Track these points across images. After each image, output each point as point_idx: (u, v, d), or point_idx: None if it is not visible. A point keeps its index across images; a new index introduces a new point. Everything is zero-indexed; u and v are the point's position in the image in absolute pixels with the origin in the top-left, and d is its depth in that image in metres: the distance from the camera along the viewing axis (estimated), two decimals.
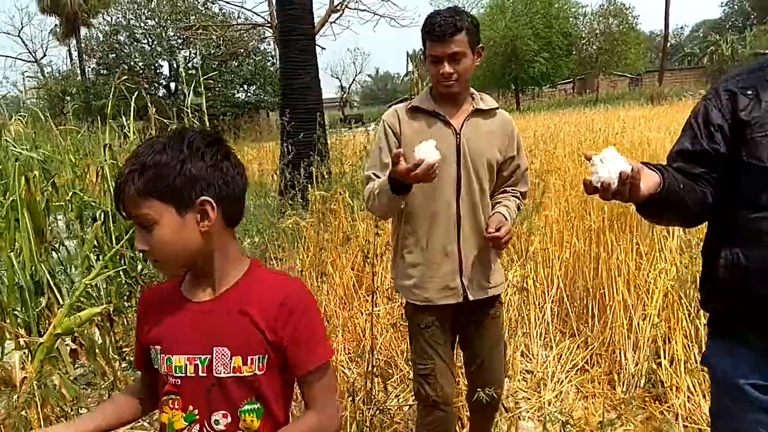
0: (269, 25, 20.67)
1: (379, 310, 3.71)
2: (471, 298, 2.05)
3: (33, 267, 3.31)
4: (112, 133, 4.20)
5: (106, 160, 4.04)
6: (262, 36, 27.42)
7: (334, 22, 19.52)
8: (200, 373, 1.12)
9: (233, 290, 1.14)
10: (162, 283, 1.25)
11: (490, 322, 2.17)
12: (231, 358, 1.11)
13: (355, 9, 19.36)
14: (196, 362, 1.12)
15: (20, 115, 5.26)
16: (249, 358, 1.11)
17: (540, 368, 3.24)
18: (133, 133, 4.51)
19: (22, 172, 3.22)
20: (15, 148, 3.95)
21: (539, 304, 3.61)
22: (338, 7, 19.28)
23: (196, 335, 1.13)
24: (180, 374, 1.13)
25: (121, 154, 4.61)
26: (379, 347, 3.27)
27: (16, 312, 3.32)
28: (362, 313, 3.68)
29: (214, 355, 1.11)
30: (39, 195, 3.30)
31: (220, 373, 1.11)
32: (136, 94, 4.59)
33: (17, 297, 3.38)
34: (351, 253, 4.46)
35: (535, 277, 3.74)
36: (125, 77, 5.10)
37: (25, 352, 3.32)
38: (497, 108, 2.10)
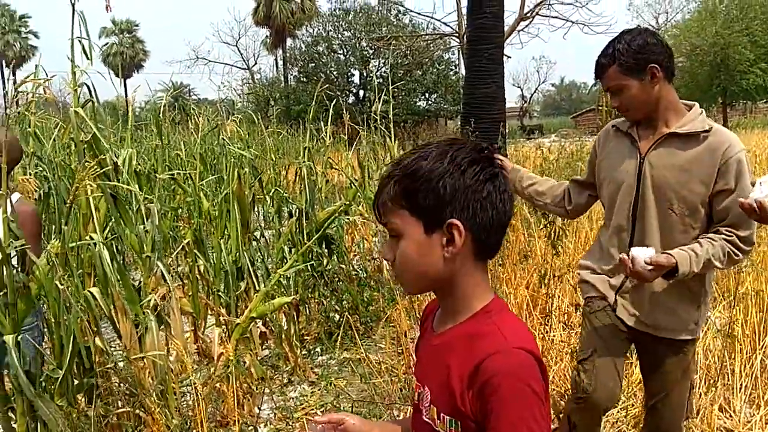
0: (456, 34, 20.93)
1: (554, 336, 3.52)
2: (629, 323, 1.97)
3: (237, 254, 3.70)
4: (310, 137, 4.54)
5: (304, 162, 4.38)
6: (448, 45, 27.89)
7: (522, 30, 19.15)
8: (420, 406, 1.04)
9: (456, 330, 0.99)
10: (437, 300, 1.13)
11: (667, 363, 1.98)
12: (430, 405, 1.00)
13: (545, 16, 18.80)
14: (418, 392, 1.05)
15: (235, 117, 5.95)
16: (441, 414, 0.97)
17: (743, 428, 2.81)
18: (329, 137, 4.85)
19: (236, 169, 3.62)
20: (231, 146, 4.47)
21: (747, 354, 3.14)
22: (528, 15, 18.87)
23: (423, 364, 1.06)
24: (414, 400, 1.07)
25: (317, 157, 5.00)
26: (552, 376, 3.09)
27: (220, 293, 3.74)
28: (535, 337, 3.51)
29: (424, 394, 1.02)
30: (248, 190, 3.69)
31: (424, 416, 1.01)
32: (334, 101, 4.92)
33: (221, 279, 3.80)
34: (527, 272, 4.31)
35: (744, 322, 3.25)
36: (326, 86, 5.48)
37: (223, 330, 3.73)
38: (706, 131, 1.84)
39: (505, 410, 0.87)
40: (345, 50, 31.11)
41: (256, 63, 39.70)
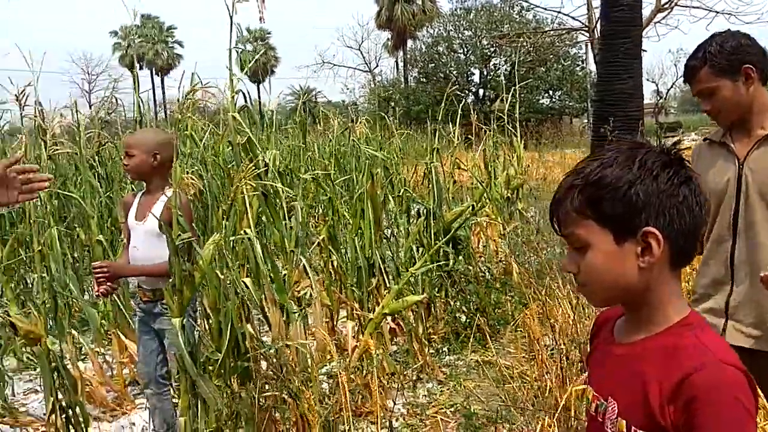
0: (586, 28, 19.98)
1: None
2: (746, 346, 1.79)
3: (370, 251, 3.82)
4: (438, 137, 4.58)
5: (432, 162, 4.42)
6: (575, 40, 26.76)
7: (659, 22, 17.85)
8: (597, 418, 1.01)
9: (651, 341, 0.95)
10: (611, 310, 1.10)
11: None
12: (617, 419, 0.96)
13: (686, 6, 17.36)
14: (596, 404, 1.02)
15: (363, 119, 6.14)
16: (633, 428, 0.92)
17: None
18: (457, 138, 4.86)
19: (369, 169, 3.74)
20: (363, 147, 4.62)
21: None
22: (665, 6, 17.55)
23: (604, 375, 1.03)
24: (591, 411, 1.03)
25: (445, 158, 5.03)
26: None
27: (353, 287, 3.88)
28: None
29: (607, 406, 0.98)
30: (380, 189, 3.80)
31: (607, 428, 0.98)
32: (462, 102, 4.92)
33: (354, 275, 3.95)
34: None
35: None
36: (454, 87, 5.49)
37: (356, 324, 3.87)
38: None
39: (717, 426, 0.83)
40: (465, 49, 30.89)
41: (377, 65, 40.63)
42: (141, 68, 47.48)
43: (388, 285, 3.91)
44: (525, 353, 3.73)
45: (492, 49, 29.18)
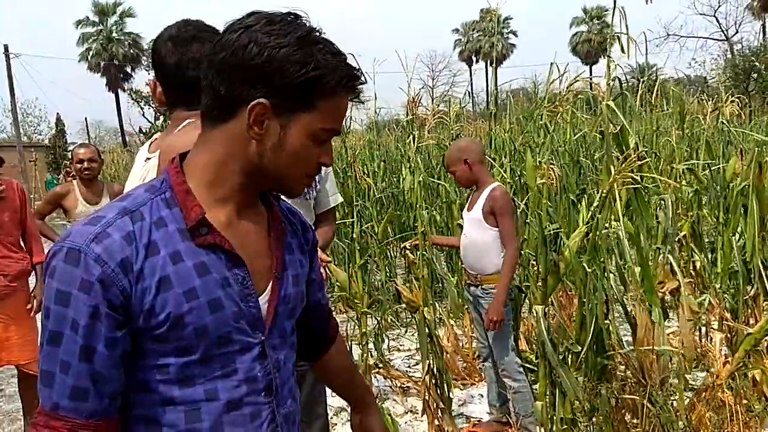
0: None
1: None
2: None
3: (751, 254, 3.28)
4: None
5: None
6: None
7: None
8: None
9: None
10: None
11: None
12: None
13: None
14: None
15: (732, 96, 5.27)
16: None
17: None
18: None
19: (757, 158, 3.19)
20: (738, 131, 3.97)
21: None
22: None
23: None
24: None
25: None
26: None
27: (725, 295, 3.40)
28: None
29: None
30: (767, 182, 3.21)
31: None
32: None
33: (726, 280, 3.45)
34: None
35: None
36: None
37: (725, 336, 3.38)
38: None
39: None
40: None
41: (737, 32, 34.57)
42: (477, 61, 50.52)
43: None
44: None
45: None
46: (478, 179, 2.98)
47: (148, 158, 1.65)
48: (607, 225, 2.61)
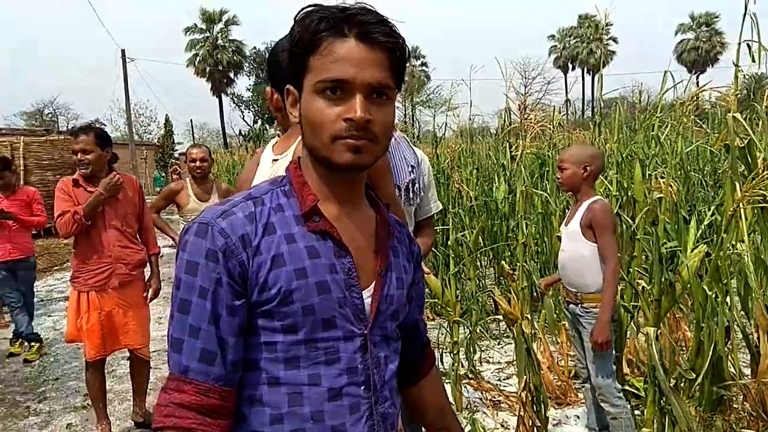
0: None
1: None
2: None
3: None
4: None
5: None
6: None
7: None
8: None
9: None
10: None
11: None
12: None
13: None
14: None
15: None
16: None
17: None
18: None
19: None
20: None
21: None
22: None
23: None
24: None
25: None
26: None
27: None
28: None
29: None
30: None
31: None
32: None
33: None
34: None
35: None
36: None
37: None
38: None
39: None
40: None
41: None
42: (573, 68, 48.92)
43: None
44: None
45: None
46: (581, 190, 2.86)
47: (275, 159, 1.72)
48: (730, 246, 2.43)
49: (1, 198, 5.13)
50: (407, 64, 1.00)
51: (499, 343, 4.82)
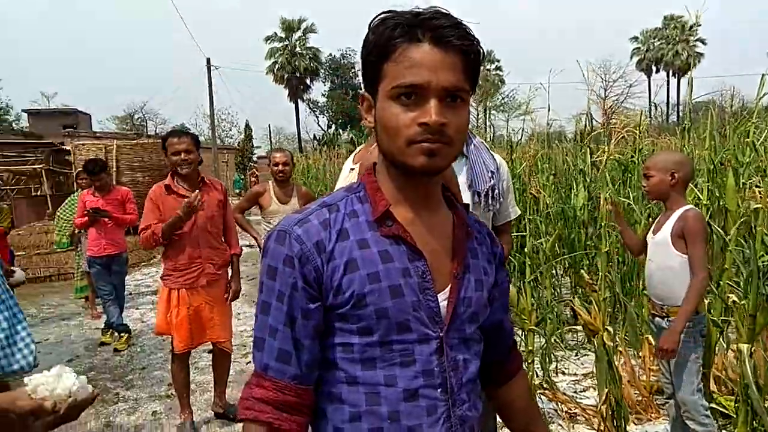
0: None
1: None
2: None
3: None
4: None
5: None
6: None
7: None
8: None
9: None
10: None
11: None
12: None
13: None
14: None
15: None
16: None
17: None
18: None
19: None
20: None
21: None
22: None
23: None
24: None
25: None
26: None
27: None
28: None
29: None
30: None
31: None
32: None
33: None
34: None
35: None
36: None
37: None
38: None
39: None
40: None
41: None
42: (657, 71, 46.71)
43: None
44: None
45: None
46: (670, 198, 2.73)
47: (352, 168, 1.78)
48: None
49: (97, 197, 5.52)
50: (481, 66, 1.00)
51: (575, 354, 4.68)
